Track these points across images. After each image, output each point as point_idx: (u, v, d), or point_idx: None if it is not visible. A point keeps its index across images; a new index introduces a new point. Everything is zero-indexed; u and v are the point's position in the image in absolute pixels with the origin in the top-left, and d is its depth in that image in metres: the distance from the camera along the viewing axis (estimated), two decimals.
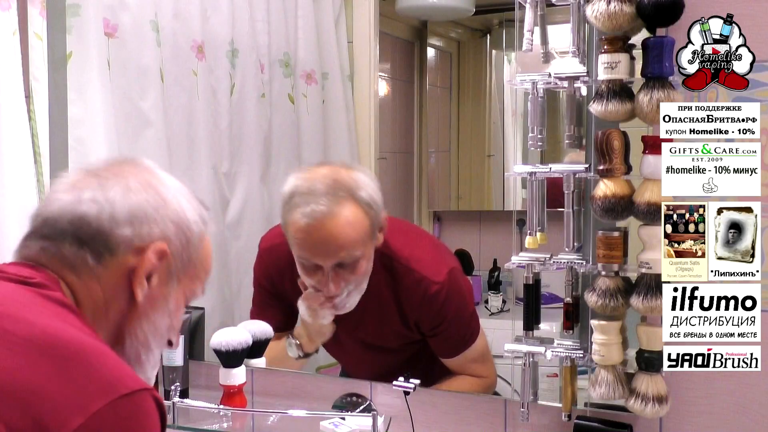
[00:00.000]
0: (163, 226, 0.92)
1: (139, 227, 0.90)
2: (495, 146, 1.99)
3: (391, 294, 1.53)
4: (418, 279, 1.50)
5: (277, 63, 2.03)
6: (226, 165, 1.98)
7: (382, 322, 1.56)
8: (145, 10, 1.76)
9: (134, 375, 0.82)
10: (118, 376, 0.79)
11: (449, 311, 1.52)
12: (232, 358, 1.50)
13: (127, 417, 0.77)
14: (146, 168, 0.96)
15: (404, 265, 1.51)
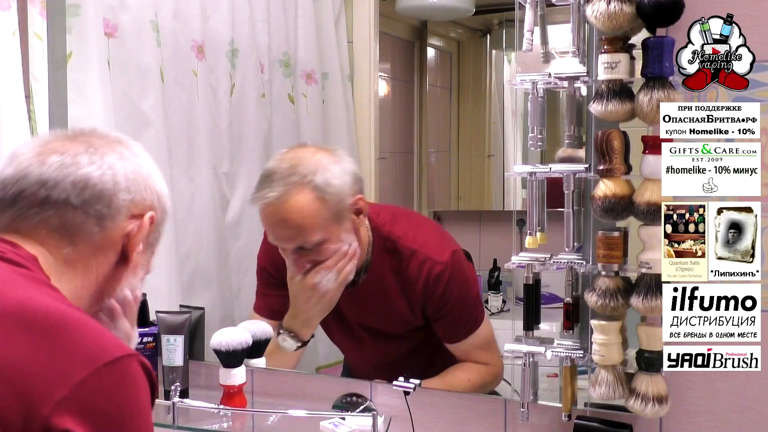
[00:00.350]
0: (151, 197, 0.95)
1: (136, 193, 0.92)
2: (495, 146, 1.99)
3: (395, 276, 1.54)
4: (422, 260, 1.52)
5: (277, 63, 2.03)
6: (226, 165, 1.98)
7: (387, 306, 1.57)
8: (145, 10, 1.76)
9: (117, 342, 0.80)
10: (100, 345, 0.77)
11: (453, 292, 1.52)
12: (232, 358, 1.50)
13: (114, 384, 0.76)
14: (118, 137, 0.97)
15: (408, 247, 1.53)
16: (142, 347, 1.57)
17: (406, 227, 1.58)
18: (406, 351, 1.64)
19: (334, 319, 1.63)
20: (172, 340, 1.57)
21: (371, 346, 1.64)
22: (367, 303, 1.58)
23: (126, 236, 0.92)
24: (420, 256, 1.52)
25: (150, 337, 1.58)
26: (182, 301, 1.82)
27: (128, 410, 0.78)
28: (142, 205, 0.93)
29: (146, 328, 1.60)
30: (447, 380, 1.55)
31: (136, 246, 0.92)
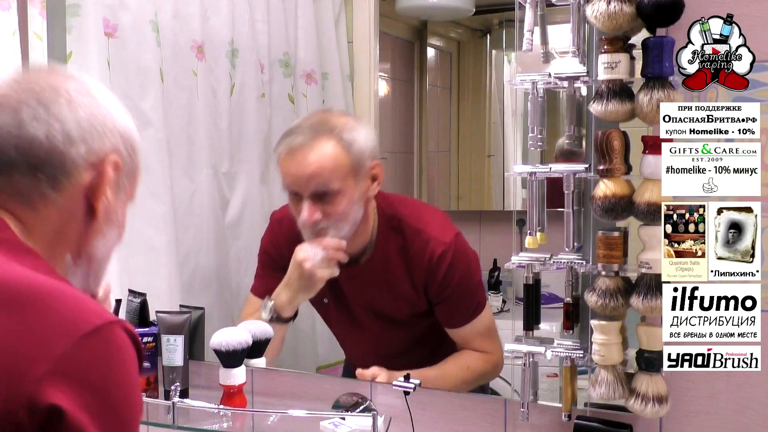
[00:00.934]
0: (112, 139, 0.87)
1: (92, 142, 0.84)
2: (495, 146, 1.99)
3: (399, 256, 1.57)
4: (426, 239, 1.55)
5: (277, 63, 2.03)
6: (226, 165, 1.98)
7: (390, 286, 1.59)
8: (145, 10, 1.76)
9: (98, 310, 0.76)
10: (79, 315, 0.73)
11: (456, 274, 1.54)
12: (232, 358, 1.50)
13: (97, 354, 0.73)
14: (70, 75, 0.88)
15: (413, 227, 1.57)
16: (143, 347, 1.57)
17: (410, 209, 1.63)
18: (407, 341, 1.64)
19: (335, 302, 1.64)
20: (172, 340, 1.57)
21: (372, 332, 1.65)
22: (370, 283, 1.60)
23: (88, 189, 0.84)
24: (424, 236, 1.55)
25: (150, 337, 1.58)
26: (182, 301, 1.82)
27: (115, 378, 0.74)
28: (101, 152, 0.85)
29: (146, 328, 1.60)
30: (446, 368, 1.56)
31: (102, 197, 0.85)
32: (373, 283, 1.60)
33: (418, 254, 1.55)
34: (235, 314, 1.92)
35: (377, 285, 1.60)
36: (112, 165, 0.86)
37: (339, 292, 1.62)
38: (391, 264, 1.58)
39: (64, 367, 0.70)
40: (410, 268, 1.56)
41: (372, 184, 1.55)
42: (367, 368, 1.55)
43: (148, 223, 1.80)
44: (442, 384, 1.52)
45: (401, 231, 1.58)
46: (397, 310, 1.61)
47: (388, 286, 1.59)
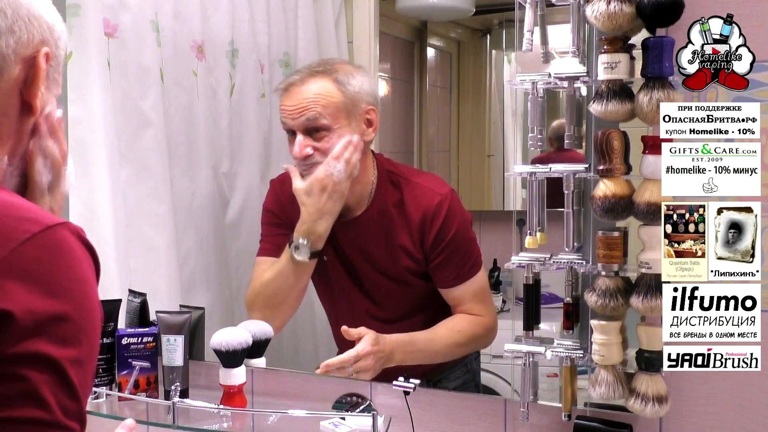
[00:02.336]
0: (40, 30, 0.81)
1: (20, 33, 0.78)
2: (495, 146, 1.99)
3: (397, 210, 1.62)
4: (423, 191, 1.61)
5: (277, 63, 2.03)
6: (226, 165, 1.98)
7: (388, 238, 1.62)
8: (145, 10, 1.76)
9: (37, 216, 0.70)
10: (13, 225, 0.68)
11: (452, 227, 1.58)
12: (232, 358, 1.50)
13: (39, 257, 0.67)
14: None
15: (410, 180, 1.64)
16: (143, 347, 1.57)
17: (408, 168, 1.74)
18: (405, 304, 1.66)
19: (335, 258, 1.66)
20: (172, 340, 1.57)
21: (371, 291, 1.66)
22: (368, 234, 1.63)
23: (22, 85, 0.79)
24: (420, 188, 1.62)
25: (150, 337, 1.58)
26: (182, 301, 1.82)
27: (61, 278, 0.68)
28: (31, 44, 0.80)
29: (146, 328, 1.60)
30: (437, 331, 1.58)
31: (38, 92, 0.80)
32: (372, 235, 1.63)
33: (415, 205, 1.60)
34: (235, 314, 1.92)
35: (375, 237, 1.63)
36: (45, 57, 0.81)
37: (338, 247, 1.66)
38: (389, 216, 1.62)
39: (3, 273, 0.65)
40: (407, 221, 1.60)
41: (367, 129, 1.60)
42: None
43: (148, 223, 1.80)
44: (433, 347, 1.56)
45: (398, 186, 1.63)
46: (394, 264, 1.63)
47: (386, 238, 1.62)
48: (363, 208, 1.64)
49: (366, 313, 1.68)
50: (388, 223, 1.62)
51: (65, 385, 0.66)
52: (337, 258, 1.68)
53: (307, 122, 1.56)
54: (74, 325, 0.68)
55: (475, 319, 1.60)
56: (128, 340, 1.56)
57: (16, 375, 0.64)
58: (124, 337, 1.56)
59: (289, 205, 1.65)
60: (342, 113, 1.57)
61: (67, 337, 0.67)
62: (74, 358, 0.68)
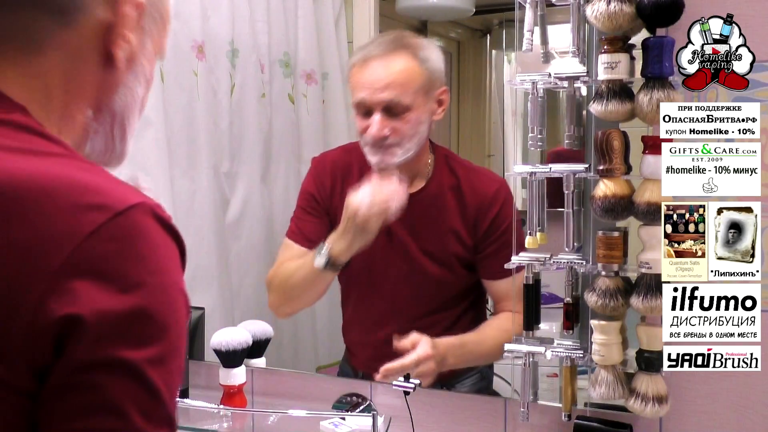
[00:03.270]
0: None
1: None
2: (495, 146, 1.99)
3: (452, 192, 1.58)
4: (480, 177, 1.59)
5: (277, 63, 2.03)
6: (227, 165, 1.98)
7: (441, 220, 1.58)
8: None
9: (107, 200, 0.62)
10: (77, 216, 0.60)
11: (507, 217, 1.53)
12: (232, 358, 1.50)
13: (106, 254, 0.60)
14: None
15: (466, 167, 1.61)
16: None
17: (461, 158, 1.68)
18: (442, 293, 1.60)
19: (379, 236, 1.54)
20: None
21: (411, 275, 1.59)
22: (421, 213, 1.57)
23: (105, 30, 0.71)
24: (477, 174, 1.60)
25: None
26: None
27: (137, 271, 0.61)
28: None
29: None
30: (485, 332, 1.52)
31: (120, 42, 0.72)
32: (425, 214, 1.58)
33: (472, 190, 1.56)
34: (235, 314, 1.92)
35: (428, 218, 1.58)
36: (133, 4, 0.72)
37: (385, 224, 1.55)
38: (444, 198, 1.58)
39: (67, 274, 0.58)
40: (463, 205, 1.56)
41: (438, 108, 1.55)
42: (388, 329, 1.51)
43: None
44: (482, 349, 1.51)
45: (454, 171, 1.59)
46: (444, 248, 1.58)
47: (439, 220, 1.58)
48: (419, 187, 1.58)
49: (396, 300, 1.62)
50: (442, 205, 1.57)
51: (145, 388, 0.61)
52: (384, 236, 1.57)
53: (390, 102, 1.47)
54: (151, 322, 0.61)
55: (519, 317, 1.52)
56: None
57: (89, 383, 0.59)
58: None
59: (328, 184, 1.60)
60: (421, 92, 1.50)
61: (144, 335, 0.61)
62: (154, 358, 0.61)
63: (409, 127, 1.49)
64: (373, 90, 1.49)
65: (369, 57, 1.50)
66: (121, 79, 0.75)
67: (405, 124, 1.49)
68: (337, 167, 1.62)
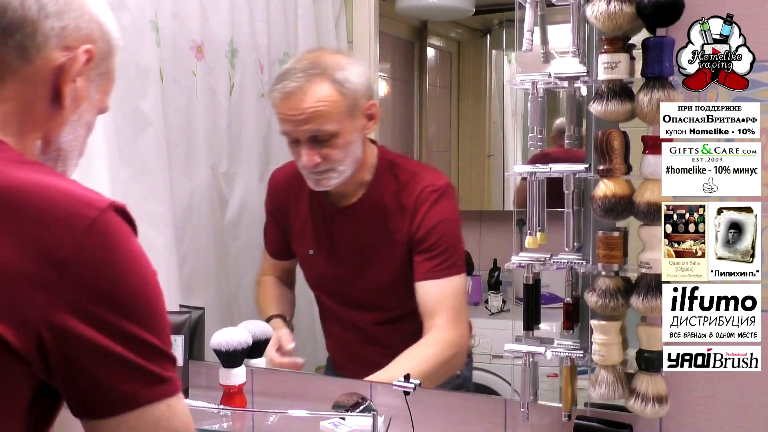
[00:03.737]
0: (89, 27, 0.85)
1: (68, 21, 0.82)
2: (495, 146, 1.99)
3: (393, 198, 1.61)
4: (419, 180, 1.60)
5: (276, 63, 2.03)
6: (225, 165, 1.98)
7: (380, 224, 1.61)
8: (144, 10, 1.76)
9: (84, 198, 0.76)
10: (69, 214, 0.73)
11: (441, 213, 1.56)
12: (232, 358, 1.50)
13: (96, 253, 0.73)
14: None
15: (409, 171, 1.63)
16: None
17: (408, 159, 1.74)
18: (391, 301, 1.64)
19: (325, 248, 1.67)
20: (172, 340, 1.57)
21: (360, 283, 1.65)
22: (362, 221, 1.63)
23: (57, 70, 0.82)
24: (418, 178, 1.61)
25: None
26: (182, 301, 1.82)
27: (121, 268, 0.76)
28: (76, 36, 0.83)
29: None
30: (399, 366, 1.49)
31: (68, 81, 0.83)
32: (366, 223, 1.63)
33: (410, 193, 1.58)
34: (235, 314, 1.92)
35: (370, 226, 1.63)
36: (85, 52, 0.84)
37: (329, 235, 1.66)
38: (385, 204, 1.61)
39: (65, 286, 0.71)
40: (402, 209, 1.59)
41: (368, 122, 1.57)
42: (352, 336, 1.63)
43: (147, 223, 1.79)
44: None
45: (397, 176, 1.61)
46: (387, 253, 1.61)
47: (381, 227, 1.61)
48: (359, 196, 1.63)
49: (360, 307, 1.67)
50: (383, 212, 1.61)
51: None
52: (329, 247, 1.67)
53: (314, 132, 1.52)
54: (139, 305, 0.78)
55: (441, 337, 1.52)
56: None
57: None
58: None
59: (282, 198, 1.69)
60: (345, 115, 1.53)
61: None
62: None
63: (338, 151, 1.53)
64: (296, 122, 1.52)
65: (286, 91, 1.52)
66: (67, 117, 0.85)
67: (334, 150, 1.53)
68: (291, 184, 1.68)
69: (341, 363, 1.74)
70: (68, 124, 0.86)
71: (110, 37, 0.89)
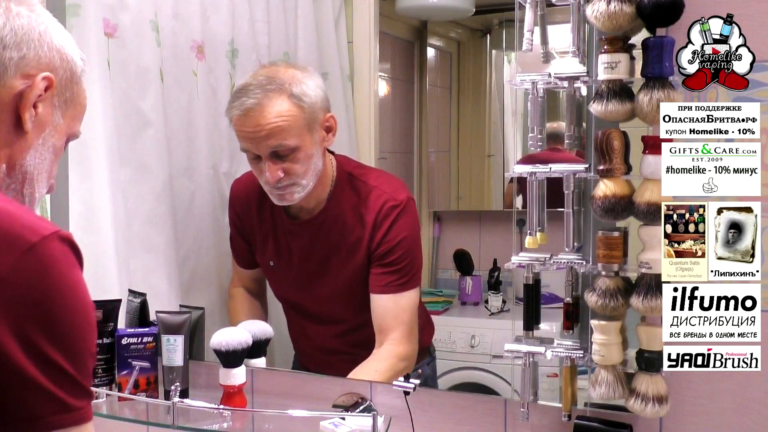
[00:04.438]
0: (49, 55, 0.90)
1: (27, 51, 0.87)
2: (495, 146, 1.99)
3: (353, 211, 1.61)
4: (379, 194, 1.61)
5: None
6: (226, 165, 1.98)
7: (342, 239, 1.62)
8: (145, 10, 1.76)
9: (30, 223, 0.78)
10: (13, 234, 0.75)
11: (400, 231, 1.58)
12: (232, 358, 1.50)
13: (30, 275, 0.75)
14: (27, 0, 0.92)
15: (368, 184, 1.63)
16: (143, 347, 1.57)
17: (369, 170, 1.71)
18: (351, 313, 1.65)
19: (283, 261, 1.68)
20: (172, 340, 1.57)
21: (319, 298, 1.67)
22: (321, 235, 1.64)
23: (17, 96, 0.86)
24: (378, 192, 1.61)
25: (150, 337, 1.58)
26: (182, 301, 1.82)
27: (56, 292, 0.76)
28: (36, 64, 0.88)
29: (146, 328, 1.60)
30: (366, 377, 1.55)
31: (28, 107, 0.87)
32: (326, 236, 1.64)
33: (370, 208, 1.59)
34: None
35: (330, 238, 1.64)
36: (44, 79, 0.88)
37: (291, 249, 1.67)
38: (345, 217, 1.62)
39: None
40: (362, 222, 1.60)
41: (327, 135, 1.59)
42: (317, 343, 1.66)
43: (148, 223, 1.80)
44: None
45: (357, 189, 1.62)
46: (345, 265, 1.63)
47: (340, 239, 1.62)
48: (319, 210, 1.64)
49: (314, 320, 1.71)
50: (342, 225, 1.62)
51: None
52: (288, 260, 1.69)
53: (275, 147, 1.52)
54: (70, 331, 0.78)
55: (394, 351, 1.57)
56: (128, 340, 1.56)
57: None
58: (124, 337, 1.56)
59: (244, 211, 1.71)
60: (304, 130, 1.54)
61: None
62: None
63: (300, 165, 1.54)
64: (257, 139, 1.53)
65: (245, 108, 1.52)
66: (31, 142, 0.89)
67: (295, 164, 1.54)
68: (251, 195, 1.69)
69: (315, 369, 1.74)
70: (32, 149, 0.89)
71: (72, 65, 0.93)
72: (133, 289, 1.70)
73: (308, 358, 1.79)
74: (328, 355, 1.73)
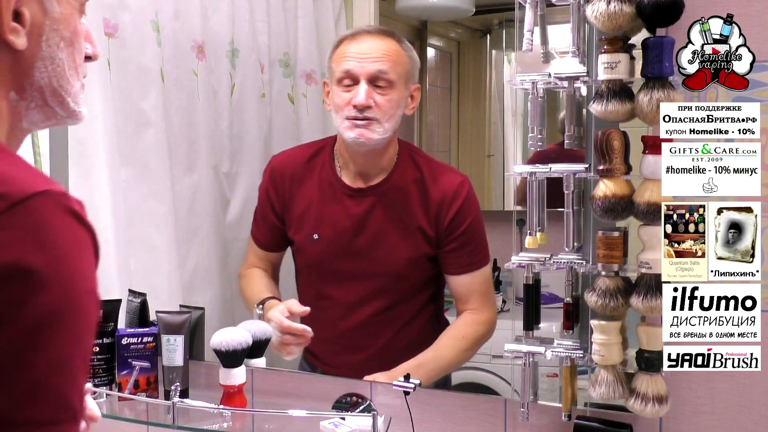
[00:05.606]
0: None
1: None
2: (495, 146, 1.99)
3: (416, 185, 1.62)
4: (442, 173, 1.64)
5: (277, 63, 2.04)
6: (227, 165, 1.98)
7: (403, 213, 1.61)
8: (145, 10, 1.76)
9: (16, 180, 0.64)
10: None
11: (470, 212, 1.60)
12: (232, 358, 1.50)
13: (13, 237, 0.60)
14: None
15: (430, 162, 1.66)
16: (143, 347, 1.57)
17: (425, 153, 1.73)
18: (401, 290, 1.64)
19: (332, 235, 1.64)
20: (172, 340, 1.57)
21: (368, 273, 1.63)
22: (382, 207, 1.62)
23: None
24: (441, 169, 1.65)
25: (150, 337, 1.58)
26: (182, 301, 1.82)
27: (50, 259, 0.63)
28: None
29: (146, 328, 1.60)
30: (441, 344, 1.59)
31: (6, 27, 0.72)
32: (385, 207, 1.62)
33: (435, 184, 1.60)
34: (235, 314, 1.92)
35: (389, 209, 1.62)
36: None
37: (337, 219, 1.63)
38: (407, 190, 1.62)
39: None
40: (426, 199, 1.60)
41: (411, 102, 1.62)
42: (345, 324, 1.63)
43: (148, 222, 1.80)
44: (442, 362, 1.57)
45: (418, 165, 1.63)
46: (405, 241, 1.60)
47: (400, 213, 1.61)
48: (381, 178, 1.63)
49: (361, 293, 1.64)
50: (405, 198, 1.61)
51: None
52: (338, 231, 1.63)
53: (379, 72, 1.55)
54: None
55: (477, 318, 1.61)
56: (128, 340, 1.56)
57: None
58: (124, 337, 1.56)
59: (286, 184, 1.67)
60: (404, 77, 1.58)
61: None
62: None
63: (390, 105, 1.56)
64: (364, 60, 1.55)
65: (360, 32, 1.59)
66: (33, 55, 0.76)
67: (387, 101, 1.56)
68: (293, 171, 1.67)
69: (325, 357, 1.70)
70: (39, 60, 0.77)
71: None
72: (133, 289, 1.71)
73: (329, 343, 1.70)
74: (359, 332, 1.66)
